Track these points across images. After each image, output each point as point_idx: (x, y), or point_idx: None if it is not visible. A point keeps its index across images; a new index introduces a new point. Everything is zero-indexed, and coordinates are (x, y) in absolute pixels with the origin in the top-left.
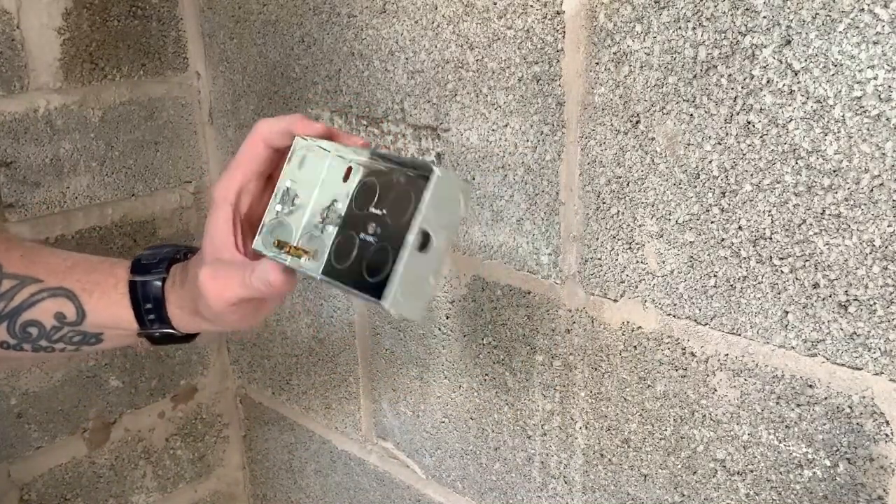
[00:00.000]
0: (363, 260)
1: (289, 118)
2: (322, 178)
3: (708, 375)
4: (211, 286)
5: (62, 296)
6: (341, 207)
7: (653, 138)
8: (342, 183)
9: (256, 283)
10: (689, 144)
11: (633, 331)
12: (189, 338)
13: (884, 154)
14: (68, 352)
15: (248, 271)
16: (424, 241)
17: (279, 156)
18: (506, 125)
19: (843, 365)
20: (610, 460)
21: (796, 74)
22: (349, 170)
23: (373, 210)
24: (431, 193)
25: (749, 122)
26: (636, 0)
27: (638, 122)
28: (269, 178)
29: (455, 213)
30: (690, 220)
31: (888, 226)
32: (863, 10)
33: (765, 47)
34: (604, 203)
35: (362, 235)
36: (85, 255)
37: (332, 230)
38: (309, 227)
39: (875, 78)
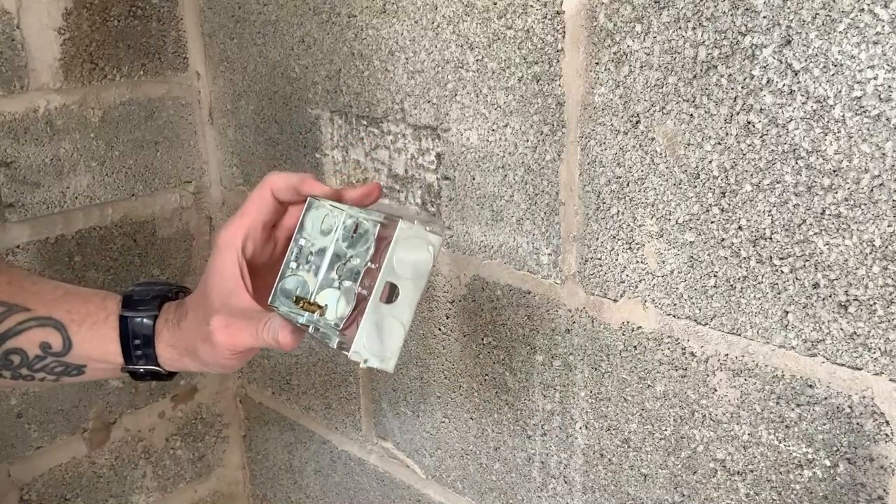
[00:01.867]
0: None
1: (299, 176)
2: (335, 235)
3: (708, 375)
4: (223, 334)
5: (50, 325)
6: (359, 264)
7: (653, 138)
8: (353, 240)
9: (267, 338)
10: (689, 144)
11: (633, 331)
12: (170, 375)
13: (884, 154)
14: (47, 381)
15: (260, 325)
16: (392, 294)
17: (284, 208)
18: (506, 125)
19: (843, 365)
20: (610, 460)
21: (796, 74)
22: (357, 228)
23: (370, 265)
24: (394, 247)
25: (749, 122)
26: (636, 0)
27: (638, 122)
28: (273, 227)
29: (423, 263)
30: (690, 220)
31: (888, 226)
32: (863, 10)
33: (765, 47)
34: (604, 203)
35: (360, 289)
36: (75, 287)
37: (348, 285)
38: (326, 282)
39: (875, 78)
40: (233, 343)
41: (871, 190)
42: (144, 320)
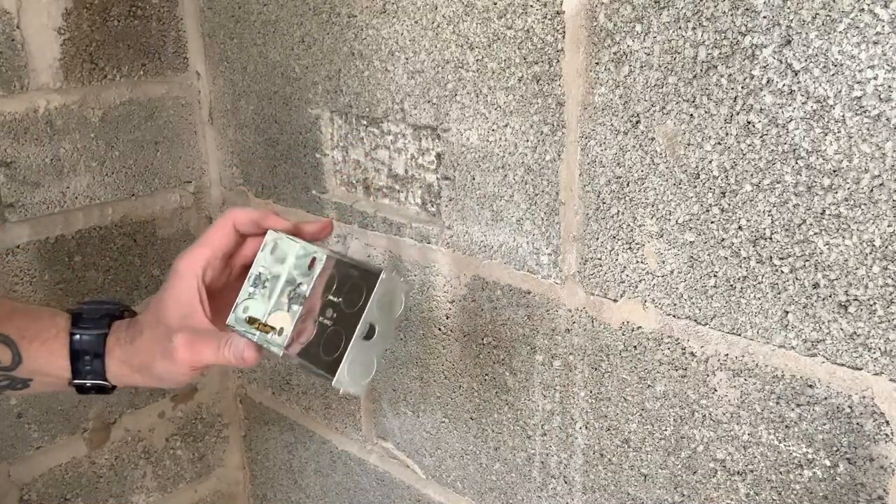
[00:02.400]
0: (321, 340)
1: (260, 212)
2: (289, 264)
3: (708, 375)
4: (186, 351)
5: (0, 342)
6: (305, 290)
7: (653, 138)
8: (307, 270)
9: (228, 355)
10: (689, 144)
11: (633, 331)
12: (113, 389)
13: (884, 154)
14: None
15: (222, 342)
16: (370, 332)
17: (243, 239)
18: (506, 125)
19: (843, 365)
20: (610, 460)
21: (796, 74)
22: (313, 260)
23: (331, 297)
24: (377, 293)
25: (749, 122)
26: (636, 0)
27: (638, 122)
28: (230, 257)
29: (395, 307)
30: (690, 220)
31: (888, 226)
32: (863, 10)
33: (765, 47)
34: (604, 203)
35: (321, 319)
36: (23, 304)
37: (296, 308)
38: (277, 306)
39: (875, 78)
40: (194, 359)
41: (871, 190)
42: (94, 338)
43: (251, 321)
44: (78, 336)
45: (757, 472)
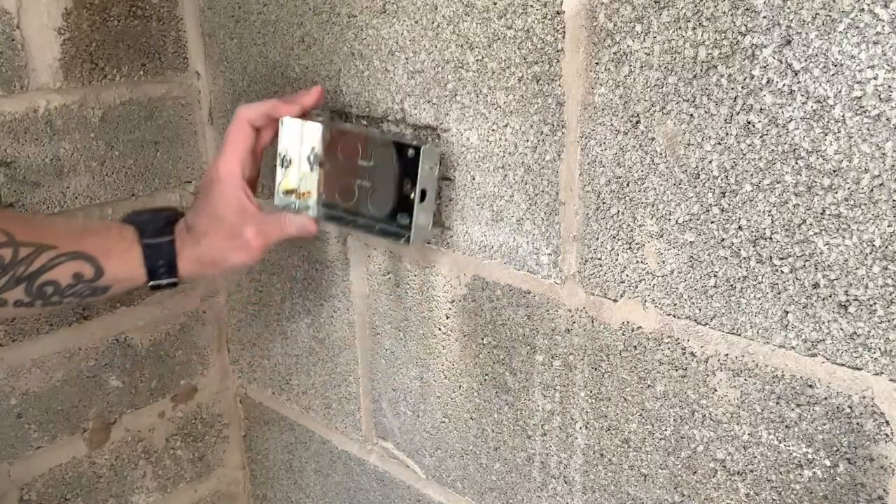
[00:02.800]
0: (368, 201)
1: (268, 104)
2: (302, 138)
3: (708, 375)
4: (258, 239)
5: (81, 259)
6: (320, 152)
7: (653, 138)
8: (318, 138)
9: (291, 230)
10: (689, 144)
11: (633, 331)
12: (180, 282)
13: (884, 154)
14: (72, 303)
15: (283, 222)
16: (423, 196)
17: (258, 132)
18: (506, 125)
19: (843, 365)
20: (610, 460)
21: (796, 74)
22: (320, 129)
23: (361, 162)
24: (422, 164)
25: (749, 122)
26: (636, 0)
27: (638, 122)
28: (253, 152)
29: (434, 172)
30: (690, 220)
31: (888, 226)
32: (863, 10)
33: (765, 47)
34: (604, 203)
35: (359, 181)
36: (86, 220)
37: (318, 169)
38: (304, 174)
39: (875, 78)
40: (266, 243)
41: (871, 190)
42: (164, 245)
43: (289, 192)
44: (150, 245)
45: (757, 472)
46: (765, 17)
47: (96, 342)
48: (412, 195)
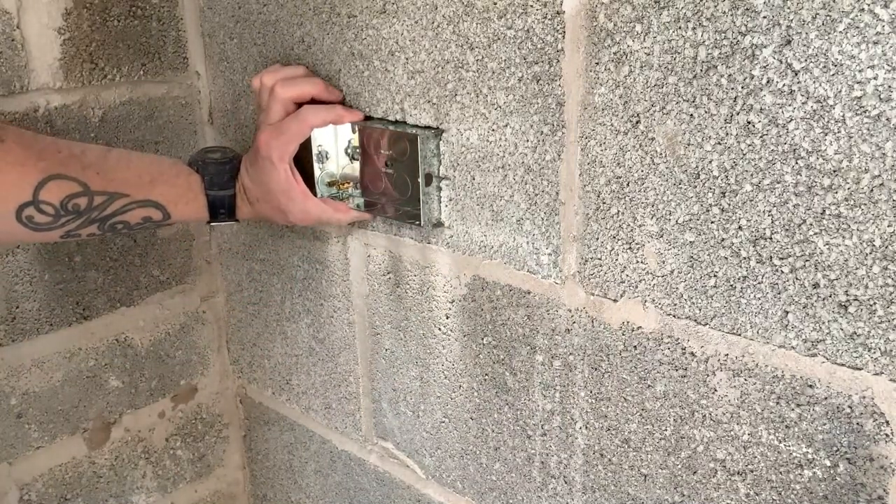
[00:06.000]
0: (393, 188)
1: (333, 113)
2: (336, 134)
3: (708, 375)
4: (302, 217)
5: (151, 206)
6: (356, 143)
7: (653, 138)
8: (352, 133)
9: (346, 216)
10: (689, 144)
11: (633, 331)
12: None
13: (884, 154)
14: (137, 233)
15: (335, 207)
16: (428, 180)
17: None
18: (506, 125)
19: (843, 365)
20: (610, 460)
21: (796, 74)
22: (354, 127)
23: (385, 153)
24: (421, 149)
25: (749, 122)
26: (636, 0)
27: (638, 122)
28: None
29: (435, 157)
30: (690, 220)
31: (888, 226)
32: (863, 10)
33: (765, 47)
34: (604, 203)
35: (385, 170)
36: (156, 165)
37: (356, 163)
38: (343, 165)
39: (875, 78)
40: (309, 222)
41: (871, 190)
42: (228, 197)
43: (331, 184)
44: (213, 197)
45: (757, 472)
46: (765, 17)
47: (96, 342)
48: (418, 179)
